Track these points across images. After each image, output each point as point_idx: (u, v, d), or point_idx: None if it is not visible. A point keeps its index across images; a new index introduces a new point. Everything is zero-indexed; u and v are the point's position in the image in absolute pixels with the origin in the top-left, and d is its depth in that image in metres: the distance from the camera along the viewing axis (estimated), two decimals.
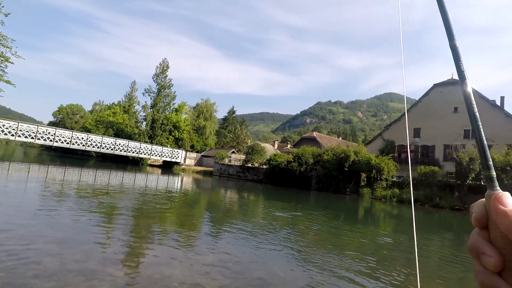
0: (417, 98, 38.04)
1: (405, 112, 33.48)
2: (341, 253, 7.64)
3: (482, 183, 20.18)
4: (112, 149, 42.97)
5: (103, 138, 43.39)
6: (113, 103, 74.35)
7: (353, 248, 8.67)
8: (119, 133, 58.23)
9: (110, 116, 63.09)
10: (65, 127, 69.72)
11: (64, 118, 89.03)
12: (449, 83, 34.20)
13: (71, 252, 5.38)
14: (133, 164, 49.87)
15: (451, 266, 7.80)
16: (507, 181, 20.47)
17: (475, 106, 0.48)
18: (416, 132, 34.98)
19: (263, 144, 43.43)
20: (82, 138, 40.64)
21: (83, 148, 40.97)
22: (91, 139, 41.40)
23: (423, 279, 6.55)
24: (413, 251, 9.06)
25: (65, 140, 38.46)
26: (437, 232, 13.85)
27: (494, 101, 31.99)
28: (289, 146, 58.48)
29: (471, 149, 23.76)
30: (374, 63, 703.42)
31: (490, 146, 26.08)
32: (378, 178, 25.76)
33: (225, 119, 75.66)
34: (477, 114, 0.48)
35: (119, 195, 14.19)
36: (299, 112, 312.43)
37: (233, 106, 77.01)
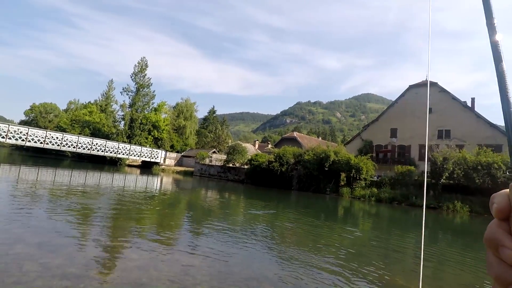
0: (393, 99, 39.37)
1: (426, 115, 33.95)
2: (323, 251, 7.77)
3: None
4: (88, 149, 41.54)
5: (79, 137, 41.86)
6: (89, 102, 71.91)
7: (334, 246, 8.84)
8: (96, 133, 56.36)
9: (86, 115, 60.93)
10: (38, 126, 66.62)
11: (37, 117, 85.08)
12: (424, 84, 35.58)
13: (52, 256, 5.15)
14: (111, 164, 48.43)
15: (425, 261, 8.13)
16: (478, 179, 21.54)
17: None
18: (393, 132, 36.15)
19: (244, 144, 43.42)
20: (57, 137, 39.01)
21: (57, 148, 39.34)
22: (66, 139, 39.84)
23: (398, 274, 6.79)
24: (389, 247, 9.37)
25: (38, 140, 36.76)
26: (414, 229, 14.39)
27: (465, 102, 33.60)
28: (270, 146, 58.82)
29: (445, 149, 24.83)
30: (352, 64, 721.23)
31: (461, 147, 27.45)
32: (357, 178, 26.40)
33: (205, 119, 75.01)
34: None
35: (97, 196, 13.74)
36: (279, 112, 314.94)
37: (213, 106, 76.72)
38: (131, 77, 54.58)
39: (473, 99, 33.99)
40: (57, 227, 7.21)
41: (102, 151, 43.07)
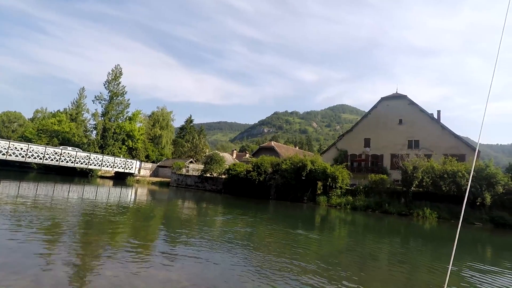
0: (366, 110, 40.89)
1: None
2: (300, 259, 7.83)
3: None
4: (57, 160, 39.54)
5: (47, 148, 39.80)
6: (58, 110, 68.73)
7: (311, 254, 8.93)
8: (65, 143, 53.83)
9: (55, 124, 58.10)
10: (0, 136, 62.65)
11: None
12: (395, 97, 37.33)
13: (17, 278, 4.82)
14: (81, 176, 46.32)
15: (397, 266, 8.41)
16: (444, 187, 22.65)
17: None
18: (367, 142, 37.40)
19: (221, 154, 43.20)
20: (21, 148, 36.89)
21: (22, 159, 37.13)
22: (32, 150, 37.74)
23: (374, 281, 6.97)
24: (365, 254, 9.61)
25: (0, 151, 34.57)
26: (388, 236, 14.85)
27: (432, 114, 35.51)
28: (248, 155, 58.85)
29: (414, 158, 25.99)
30: (327, 77, 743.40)
31: (429, 156, 28.84)
32: (333, 186, 26.95)
33: (182, 128, 73.99)
34: None
35: (65, 210, 13.06)
36: (257, 122, 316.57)
37: (190, 115, 75.70)
38: (104, 85, 53.04)
39: (439, 112, 36.02)
40: (21, 246, 6.78)
41: (72, 162, 41.16)
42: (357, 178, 31.05)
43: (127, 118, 55.71)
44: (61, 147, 43.27)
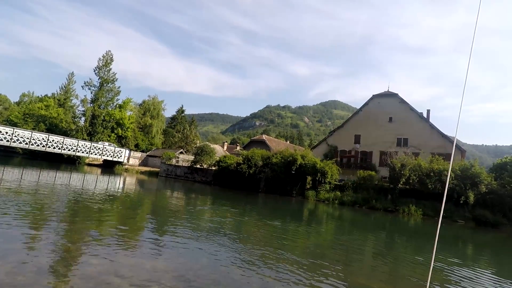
0: (358, 107, 41.20)
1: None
2: (288, 252, 7.91)
3: None
4: (43, 146, 38.70)
5: (33, 133, 38.88)
6: (46, 95, 67.01)
7: (299, 248, 9.04)
8: (52, 129, 52.67)
9: (42, 109, 56.65)
10: None
11: None
12: (386, 95, 37.68)
13: None
14: (68, 163, 45.54)
15: (381, 261, 8.59)
16: (430, 185, 23.15)
17: None
18: (357, 139, 37.79)
19: (212, 145, 43.01)
20: (6, 132, 35.92)
21: (7, 144, 36.21)
22: (18, 134, 36.81)
23: (359, 274, 7.11)
24: (350, 248, 9.78)
25: None
26: (373, 231, 15.13)
27: (421, 113, 36.03)
28: (238, 148, 58.80)
29: (403, 156, 26.42)
30: (321, 72, 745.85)
31: (417, 154, 29.35)
32: (322, 181, 27.21)
33: (173, 118, 73.25)
34: None
35: (51, 196, 12.84)
36: (249, 115, 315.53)
37: (182, 105, 74.92)
38: (94, 71, 51.90)
39: (428, 111, 36.56)
40: (5, 231, 6.64)
41: (59, 149, 40.36)
42: (346, 174, 31.43)
43: (117, 105, 54.79)
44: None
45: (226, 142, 73.50)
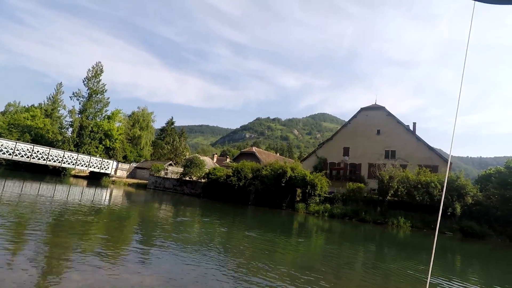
0: (346, 119, 41.81)
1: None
2: (277, 265, 7.81)
3: None
4: (28, 157, 37.69)
5: (17, 143, 37.88)
6: (33, 105, 65.78)
7: (288, 261, 8.94)
8: (38, 139, 51.50)
9: (28, 119, 55.50)
10: None
11: None
12: (373, 107, 38.42)
13: None
14: (54, 174, 44.41)
15: (371, 273, 8.56)
16: (418, 197, 23.42)
17: None
18: (346, 151, 38.16)
19: (202, 157, 42.70)
20: None
21: None
22: (1, 144, 35.80)
23: (347, 285, 7.05)
24: (340, 260, 9.72)
25: None
26: (363, 244, 15.12)
27: (408, 126, 36.78)
28: (228, 160, 58.53)
29: (391, 168, 26.75)
30: (309, 84, 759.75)
31: (405, 166, 29.78)
32: (312, 194, 27.21)
33: (163, 130, 72.71)
34: None
35: (34, 208, 12.41)
36: (239, 127, 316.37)
37: (172, 117, 74.52)
38: (83, 81, 51.38)
39: (414, 124, 37.34)
40: None
41: (44, 160, 39.36)
42: (336, 186, 31.56)
43: (106, 116, 54.15)
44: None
45: (216, 154, 73.16)
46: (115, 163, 47.82)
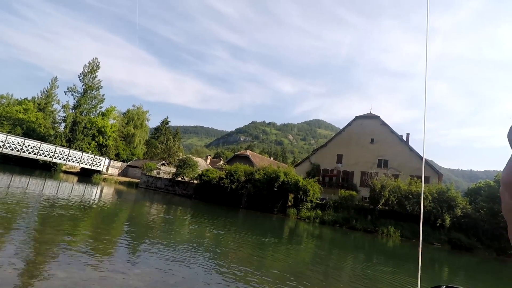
0: (341, 127, 42.08)
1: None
2: (266, 270, 7.78)
3: None
4: (18, 150, 37.10)
5: (8, 136, 37.27)
6: (26, 98, 64.90)
7: (277, 266, 8.90)
8: (29, 133, 50.72)
9: (20, 112, 54.70)
10: None
11: None
12: (368, 116, 38.76)
13: None
14: (44, 169, 43.74)
15: (360, 280, 8.57)
16: (409, 207, 23.60)
17: None
18: (339, 158, 38.36)
19: (195, 158, 42.48)
20: None
21: None
22: None
23: None
24: (329, 267, 9.72)
25: None
26: (353, 251, 15.15)
27: (402, 136, 37.16)
28: (222, 162, 58.34)
29: (383, 177, 26.94)
30: (305, 90, 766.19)
31: (397, 176, 30.02)
32: (304, 200, 27.22)
33: (157, 129, 72.26)
34: None
35: (20, 204, 12.20)
36: (234, 130, 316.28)
37: (167, 117, 74.14)
38: (79, 77, 50.93)
39: (408, 134, 37.76)
40: None
41: (35, 154, 38.77)
42: (328, 193, 31.64)
43: (100, 113, 53.65)
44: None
45: (210, 155, 72.88)
46: (107, 160, 47.34)
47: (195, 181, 34.82)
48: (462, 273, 14.31)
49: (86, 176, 43.39)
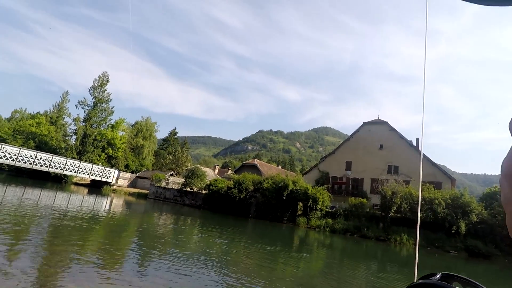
0: (349, 133, 41.77)
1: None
2: (277, 281, 7.63)
3: None
4: (31, 163, 37.79)
5: (21, 150, 38.06)
6: (38, 112, 66.46)
7: (288, 276, 8.73)
8: (41, 146, 51.78)
9: (33, 126, 55.97)
10: None
11: None
12: (376, 122, 38.39)
13: None
14: (55, 181, 44.40)
15: None
16: (421, 214, 23.03)
17: None
18: (348, 165, 37.93)
19: (203, 169, 42.59)
20: None
21: None
22: (6, 150, 35.99)
23: None
24: (341, 278, 9.48)
25: None
26: (365, 261, 14.81)
27: (411, 141, 36.61)
28: (230, 172, 58.31)
29: (393, 183, 26.47)
30: (311, 98, 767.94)
31: (408, 182, 29.48)
32: (314, 208, 26.87)
33: (165, 140, 72.90)
34: None
35: (33, 216, 12.33)
36: (241, 139, 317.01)
37: (175, 128, 74.86)
38: (89, 90, 52.04)
39: (417, 139, 37.15)
40: None
41: (47, 167, 39.43)
42: (337, 201, 31.22)
43: (110, 125, 54.51)
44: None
45: (218, 165, 72.99)
46: (116, 171, 47.80)
47: (203, 191, 34.81)
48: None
49: (96, 187, 43.83)
